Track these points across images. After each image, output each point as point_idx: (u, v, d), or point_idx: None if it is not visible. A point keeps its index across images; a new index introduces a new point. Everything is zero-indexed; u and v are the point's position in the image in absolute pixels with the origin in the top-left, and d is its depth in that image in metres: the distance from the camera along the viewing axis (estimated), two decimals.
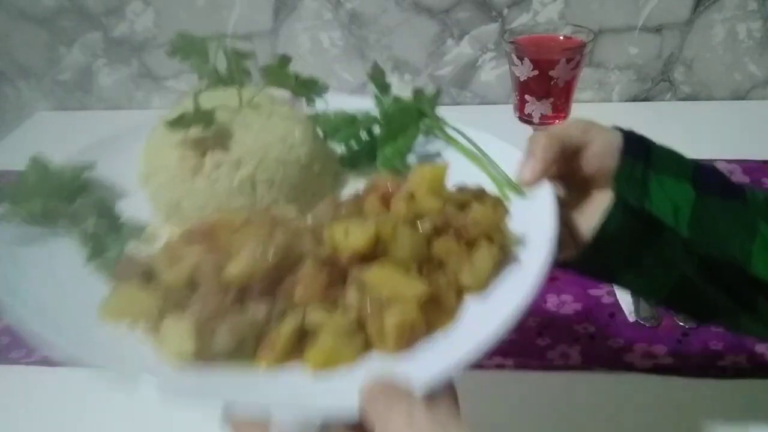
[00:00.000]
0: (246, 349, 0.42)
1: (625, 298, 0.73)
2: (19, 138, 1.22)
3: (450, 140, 0.63)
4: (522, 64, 0.82)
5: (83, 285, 0.48)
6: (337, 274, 0.45)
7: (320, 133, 0.66)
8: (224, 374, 0.41)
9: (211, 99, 0.60)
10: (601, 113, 1.25)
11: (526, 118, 0.87)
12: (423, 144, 0.64)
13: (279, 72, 0.62)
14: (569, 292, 0.75)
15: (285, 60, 0.62)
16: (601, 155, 0.53)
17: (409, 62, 1.19)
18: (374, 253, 0.45)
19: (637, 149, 0.53)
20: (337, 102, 0.67)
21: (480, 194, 0.51)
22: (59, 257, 0.51)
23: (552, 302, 0.75)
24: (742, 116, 1.12)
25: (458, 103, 1.22)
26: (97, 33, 1.21)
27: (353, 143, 0.65)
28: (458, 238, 0.47)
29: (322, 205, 0.51)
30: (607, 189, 0.53)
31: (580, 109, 0.91)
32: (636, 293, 0.66)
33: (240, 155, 0.57)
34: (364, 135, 0.65)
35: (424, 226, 0.47)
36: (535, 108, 0.85)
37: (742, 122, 1.10)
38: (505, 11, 1.12)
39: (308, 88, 0.64)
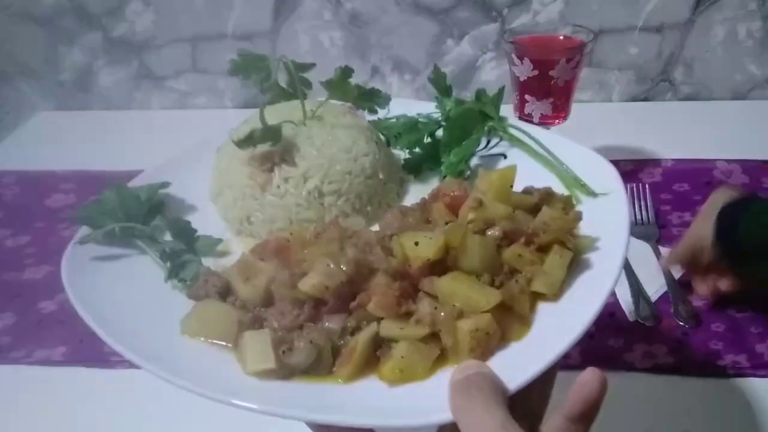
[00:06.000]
0: (323, 364, 0.42)
1: (625, 298, 0.73)
2: (19, 138, 1.22)
3: (515, 141, 0.62)
4: (522, 64, 0.82)
5: (164, 302, 0.49)
6: (408, 286, 0.44)
7: (383, 139, 0.67)
8: (304, 389, 0.41)
9: (274, 113, 0.61)
10: (601, 113, 1.25)
11: (526, 118, 0.87)
12: (486, 146, 0.64)
13: (341, 84, 0.63)
14: None
15: (347, 72, 0.63)
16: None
17: (409, 62, 1.19)
18: (444, 263, 0.44)
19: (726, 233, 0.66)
20: (398, 107, 0.67)
21: (549, 196, 0.51)
22: (139, 276, 0.52)
23: None
24: (742, 116, 1.12)
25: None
26: (97, 33, 1.21)
27: (417, 149, 0.65)
28: (529, 245, 0.45)
29: (390, 214, 0.50)
30: None
31: (580, 109, 0.91)
32: None
33: (306, 168, 0.58)
34: (427, 139, 0.65)
35: (493, 234, 0.46)
36: (535, 108, 0.85)
37: (742, 122, 1.10)
38: (505, 11, 1.12)
39: (371, 99, 0.65)
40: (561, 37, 0.87)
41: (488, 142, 0.64)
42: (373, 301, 0.43)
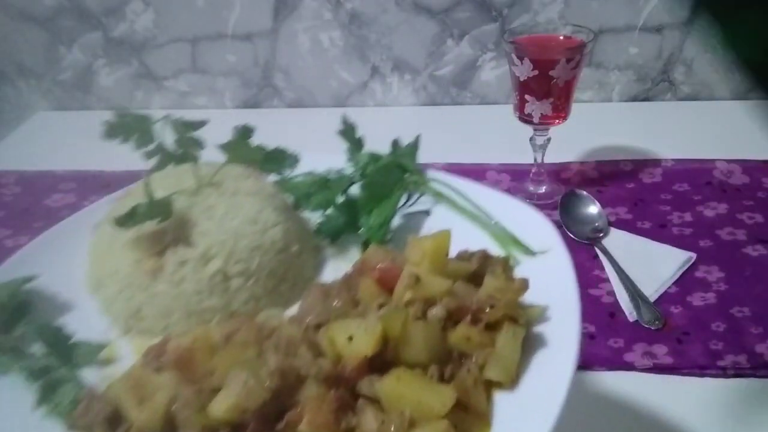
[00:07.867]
0: None
1: (624, 298, 0.73)
2: (19, 138, 1.22)
3: (439, 196, 0.56)
4: (522, 64, 0.82)
5: None
6: (345, 394, 0.37)
7: (289, 200, 0.58)
8: None
9: (162, 182, 0.52)
10: (601, 113, 1.25)
11: (526, 118, 0.87)
12: (407, 202, 0.58)
13: (241, 146, 0.55)
14: None
15: (246, 132, 0.55)
16: None
17: (409, 62, 1.19)
18: (384, 356, 0.38)
19: None
20: (304, 163, 0.59)
21: (486, 259, 0.45)
22: (1, 404, 0.42)
23: None
24: (742, 116, 1.12)
25: (458, 103, 1.22)
26: (97, 33, 1.21)
27: (330, 209, 0.57)
28: (476, 323, 0.40)
29: (310, 296, 0.43)
30: None
31: (580, 109, 0.91)
32: None
33: (207, 247, 0.49)
34: (340, 198, 0.57)
35: (436, 315, 0.40)
36: (535, 108, 0.85)
37: (742, 122, 1.10)
38: (505, 11, 1.12)
39: (277, 161, 0.58)
40: (561, 37, 0.87)
41: (408, 197, 0.58)
42: (306, 420, 0.35)
